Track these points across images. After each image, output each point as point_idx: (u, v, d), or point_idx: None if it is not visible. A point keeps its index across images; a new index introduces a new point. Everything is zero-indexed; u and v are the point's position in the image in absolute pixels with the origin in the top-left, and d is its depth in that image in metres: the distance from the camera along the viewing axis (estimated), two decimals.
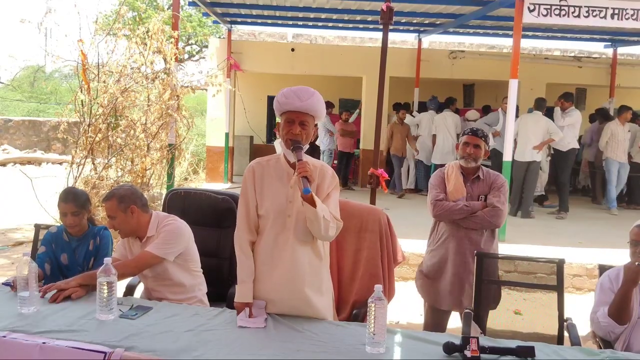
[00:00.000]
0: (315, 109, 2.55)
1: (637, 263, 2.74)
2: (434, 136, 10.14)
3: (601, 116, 10.50)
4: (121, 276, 3.04)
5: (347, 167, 11.60)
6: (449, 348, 2.25)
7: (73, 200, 3.30)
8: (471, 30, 11.32)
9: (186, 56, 21.00)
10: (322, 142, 11.25)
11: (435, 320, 3.77)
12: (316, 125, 2.66)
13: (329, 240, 2.65)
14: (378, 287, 2.29)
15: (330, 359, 2.21)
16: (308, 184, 2.35)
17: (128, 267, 3.05)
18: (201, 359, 2.16)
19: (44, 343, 2.23)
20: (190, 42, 21.25)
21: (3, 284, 2.95)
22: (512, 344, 2.32)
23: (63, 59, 7.18)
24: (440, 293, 3.68)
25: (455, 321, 3.91)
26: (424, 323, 3.90)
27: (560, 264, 3.24)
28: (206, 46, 17.19)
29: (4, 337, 2.27)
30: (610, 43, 11.80)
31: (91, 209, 3.45)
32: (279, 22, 11.60)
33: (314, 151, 8.57)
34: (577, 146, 8.93)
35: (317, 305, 2.63)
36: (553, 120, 8.62)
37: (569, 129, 8.64)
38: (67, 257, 3.34)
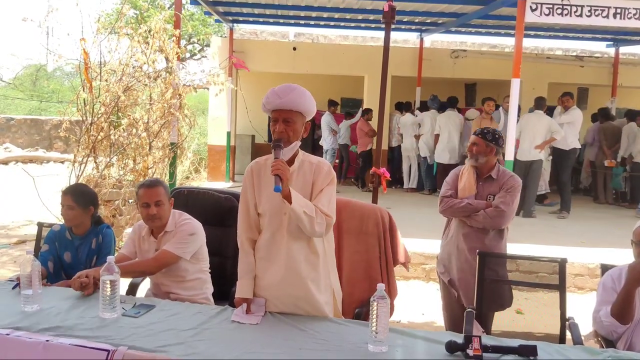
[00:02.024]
0: (296, 104, 2.56)
1: None
2: (437, 135, 10.13)
3: (602, 116, 10.51)
4: (140, 274, 3.15)
5: (366, 168, 11.10)
6: (451, 347, 2.25)
7: (71, 194, 3.33)
8: (473, 30, 11.32)
9: (188, 55, 21.00)
10: (326, 141, 11.22)
11: (452, 315, 3.81)
12: (309, 121, 2.67)
13: (319, 236, 2.64)
14: (380, 286, 2.29)
15: (333, 357, 2.21)
16: (280, 182, 2.39)
17: (149, 266, 3.10)
18: (203, 357, 2.16)
19: (47, 341, 2.23)
20: (192, 40, 21.25)
21: (9, 281, 2.96)
22: (515, 343, 2.32)
23: (65, 57, 7.20)
24: (452, 287, 3.74)
25: None
26: (444, 320, 3.94)
27: (562, 263, 3.24)
28: (208, 45, 17.19)
29: (7, 335, 2.28)
30: (612, 42, 11.78)
31: (92, 208, 3.42)
32: (281, 21, 11.60)
33: (314, 148, 8.48)
34: (578, 146, 8.92)
35: (317, 301, 2.64)
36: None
37: (569, 128, 8.63)
38: (70, 255, 3.36)
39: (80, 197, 3.35)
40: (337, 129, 11.07)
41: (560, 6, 6.76)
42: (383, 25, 5.31)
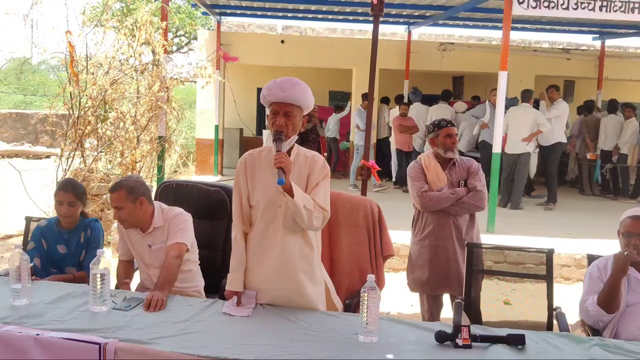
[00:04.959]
0: (298, 99, 2.56)
1: (626, 253, 2.78)
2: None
3: (585, 109, 10.60)
4: (175, 276, 2.95)
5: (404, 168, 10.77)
6: (440, 336, 2.27)
7: (72, 190, 3.33)
8: (461, 22, 11.35)
9: (175, 48, 20.86)
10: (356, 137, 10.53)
11: (432, 308, 3.85)
12: (306, 115, 2.66)
13: (315, 230, 2.66)
14: (371, 277, 2.31)
15: (324, 348, 2.22)
16: (283, 175, 2.38)
17: (175, 266, 2.96)
18: (194, 349, 2.16)
19: (37, 335, 2.22)
20: (178, 33, 21.11)
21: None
22: (503, 332, 2.36)
23: (50, 50, 7.12)
24: (437, 280, 3.74)
25: (448, 310, 3.94)
26: (423, 313, 3.95)
27: (549, 254, 3.28)
28: (195, 38, 17.09)
29: None
30: (598, 35, 11.86)
31: (86, 203, 3.45)
32: (269, 13, 11.55)
33: (304, 141, 8.55)
34: (564, 140, 8.98)
35: (309, 294, 2.65)
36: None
37: (556, 121, 8.69)
38: (64, 247, 3.35)
39: (80, 192, 3.37)
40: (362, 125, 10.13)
41: None
42: (371, 18, 5.31)
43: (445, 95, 10.54)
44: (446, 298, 3.92)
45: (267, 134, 8.80)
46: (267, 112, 2.66)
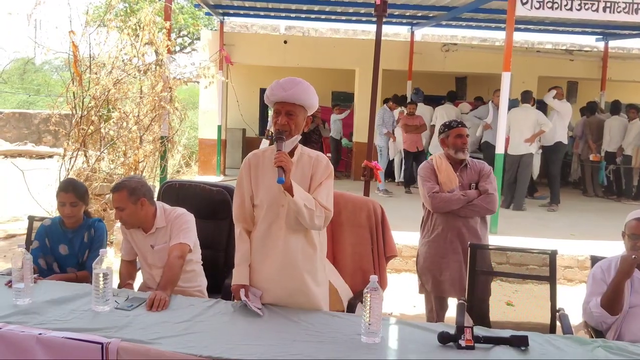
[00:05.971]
0: (300, 98, 2.57)
1: (634, 256, 2.77)
2: (433, 127, 10.14)
3: (588, 110, 10.58)
4: (177, 277, 2.95)
5: (413, 170, 9.97)
6: (443, 337, 2.27)
7: (73, 191, 3.32)
8: (464, 23, 11.33)
9: (178, 48, 20.88)
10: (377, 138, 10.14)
11: (438, 310, 3.85)
12: (310, 115, 2.67)
13: (318, 230, 2.66)
14: (373, 278, 2.30)
15: (326, 349, 2.22)
16: (283, 173, 2.39)
17: (178, 266, 2.96)
18: (196, 349, 2.16)
19: (39, 334, 2.22)
20: (182, 33, 21.12)
21: (2, 275, 2.95)
22: (506, 333, 2.35)
23: (54, 50, 7.14)
24: (447, 282, 3.73)
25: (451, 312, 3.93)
26: (427, 314, 3.94)
27: (552, 255, 3.26)
28: (198, 38, 17.10)
29: (0, 328, 2.27)
30: (601, 36, 11.83)
31: (88, 201, 3.45)
32: (272, 14, 11.55)
33: (306, 142, 8.57)
34: (565, 140, 8.96)
35: (312, 294, 2.65)
36: (544, 106, 8.70)
37: (558, 121, 8.67)
38: (67, 247, 3.34)
39: (81, 192, 3.37)
40: (381, 127, 9.99)
41: (551, 0, 6.80)
42: (374, 19, 5.31)
43: (450, 96, 10.56)
44: (451, 300, 3.91)
45: (264, 144, 8.85)
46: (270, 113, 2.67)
